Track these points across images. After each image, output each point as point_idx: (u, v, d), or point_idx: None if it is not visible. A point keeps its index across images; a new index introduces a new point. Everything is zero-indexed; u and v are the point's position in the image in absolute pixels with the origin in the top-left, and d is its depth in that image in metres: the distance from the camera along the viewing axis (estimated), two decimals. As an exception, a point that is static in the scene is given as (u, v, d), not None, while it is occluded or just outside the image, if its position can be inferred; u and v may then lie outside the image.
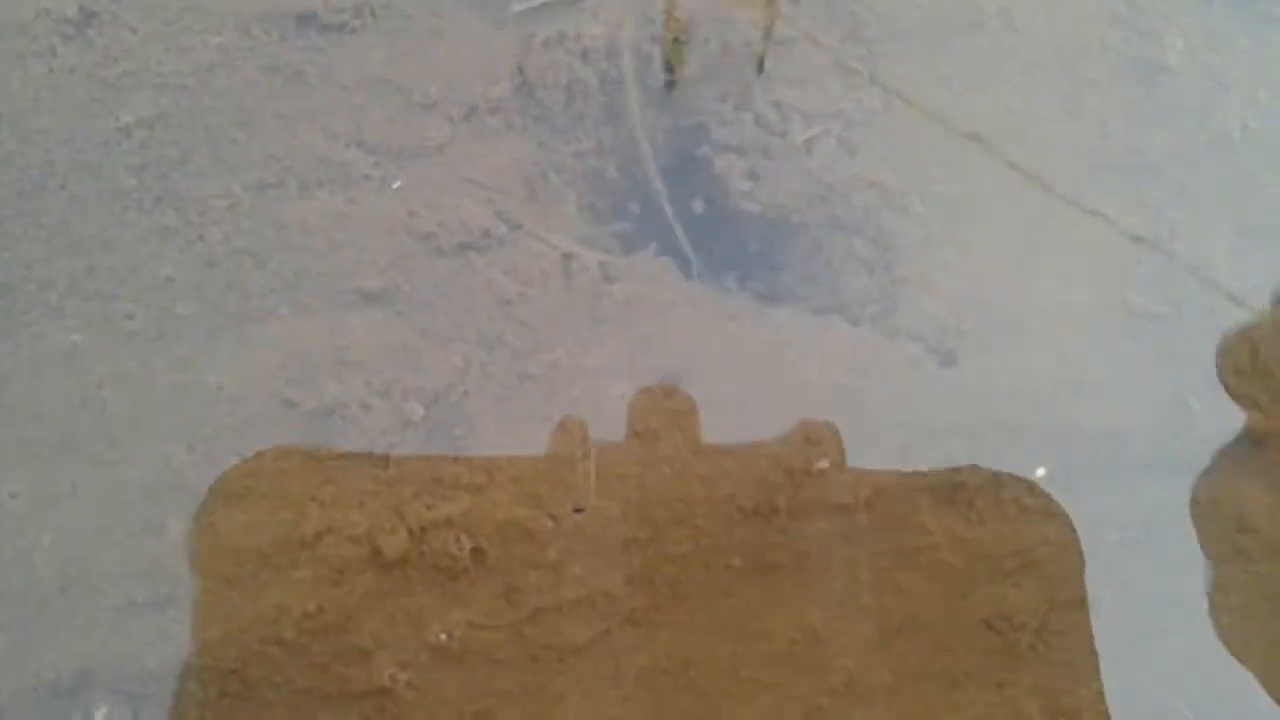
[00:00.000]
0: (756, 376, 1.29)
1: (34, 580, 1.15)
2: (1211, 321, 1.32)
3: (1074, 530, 1.22)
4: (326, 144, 1.31)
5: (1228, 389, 1.27)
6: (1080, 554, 1.21)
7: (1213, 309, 1.33)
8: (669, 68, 1.37)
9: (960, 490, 1.23)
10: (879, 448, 1.24)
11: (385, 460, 1.20)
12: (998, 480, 1.23)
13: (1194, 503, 1.24)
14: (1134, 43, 1.42)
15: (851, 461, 1.23)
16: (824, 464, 1.21)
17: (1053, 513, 1.22)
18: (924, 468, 1.24)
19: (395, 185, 1.31)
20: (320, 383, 1.23)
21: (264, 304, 1.25)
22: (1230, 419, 1.27)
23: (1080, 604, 1.20)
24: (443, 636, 1.15)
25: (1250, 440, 1.26)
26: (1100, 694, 1.18)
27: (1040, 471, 1.25)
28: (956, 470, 1.24)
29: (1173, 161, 1.36)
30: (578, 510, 1.19)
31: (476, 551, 1.17)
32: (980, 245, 1.35)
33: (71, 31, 1.31)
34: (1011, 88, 1.41)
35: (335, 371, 1.24)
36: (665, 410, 1.25)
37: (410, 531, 1.17)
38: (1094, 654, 1.19)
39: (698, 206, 1.35)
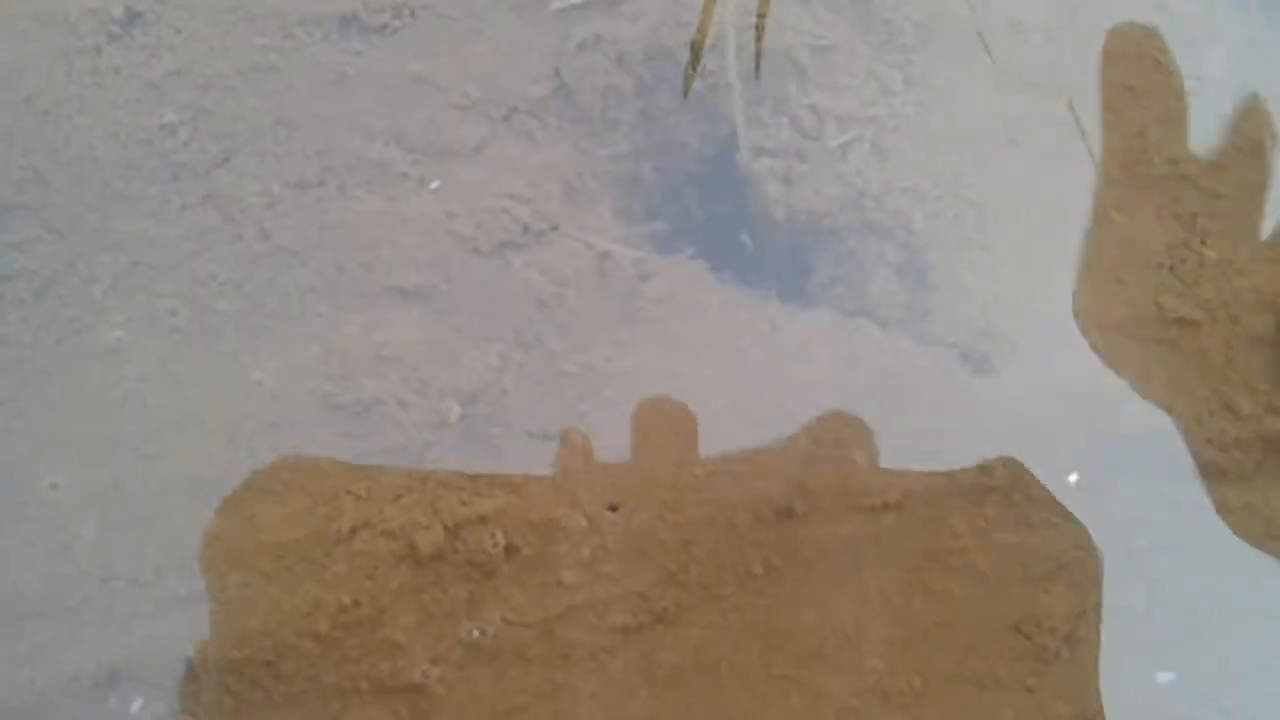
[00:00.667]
0: (787, 379, 1.29)
1: (75, 572, 1.16)
2: (1244, 327, 1.31)
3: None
4: (366, 144, 1.32)
5: None
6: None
7: (1246, 315, 1.32)
8: (693, 67, 1.37)
9: (991, 494, 1.23)
10: (911, 452, 1.24)
11: (421, 458, 1.21)
12: (1029, 486, 1.23)
13: (1226, 509, 1.24)
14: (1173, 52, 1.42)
15: (883, 466, 1.23)
16: (858, 456, 1.21)
17: (1083, 519, 1.22)
18: (956, 470, 1.23)
19: (434, 185, 1.32)
20: (359, 380, 1.24)
21: (304, 301, 1.26)
22: (1264, 425, 1.27)
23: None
24: (476, 633, 1.15)
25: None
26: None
27: (1073, 477, 1.24)
28: (988, 473, 1.23)
29: (1208, 169, 1.35)
30: (612, 509, 1.20)
31: (510, 549, 1.17)
32: (1014, 250, 1.35)
33: (117, 31, 1.32)
34: (1049, 95, 1.41)
35: (373, 369, 1.25)
36: (696, 412, 1.25)
37: (445, 528, 1.17)
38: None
39: (731, 209, 1.36)
